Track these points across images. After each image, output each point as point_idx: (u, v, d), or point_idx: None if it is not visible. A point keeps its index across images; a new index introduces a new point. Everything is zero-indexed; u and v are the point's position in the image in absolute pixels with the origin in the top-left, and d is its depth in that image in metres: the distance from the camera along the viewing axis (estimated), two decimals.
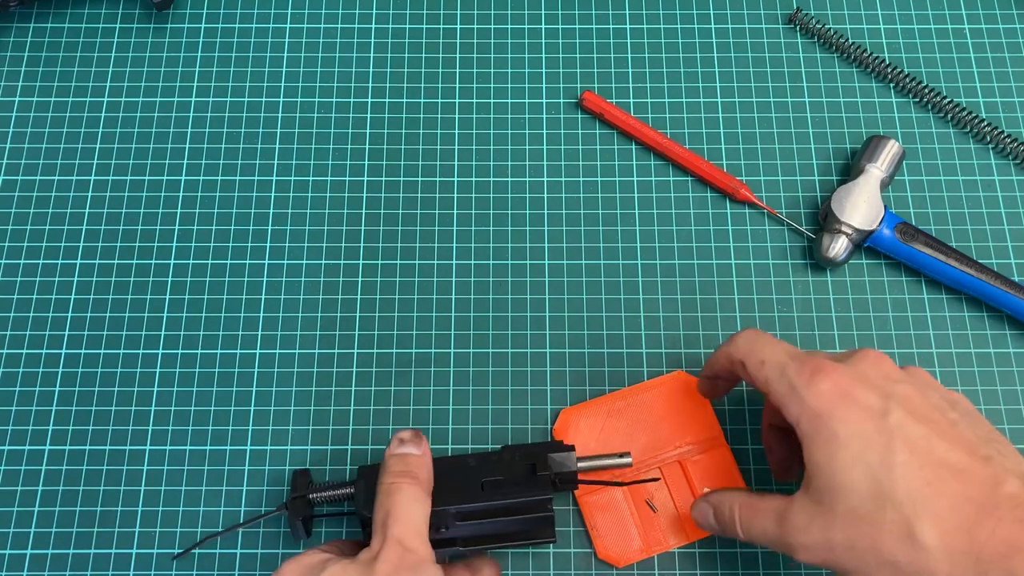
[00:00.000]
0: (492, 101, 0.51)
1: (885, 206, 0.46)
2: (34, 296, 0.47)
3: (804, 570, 0.42)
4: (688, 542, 0.42)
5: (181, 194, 0.49)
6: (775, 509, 0.34)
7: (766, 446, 0.41)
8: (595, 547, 0.42)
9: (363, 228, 0.48)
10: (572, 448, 0.39)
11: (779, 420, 0.38)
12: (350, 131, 0.50)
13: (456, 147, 0.50)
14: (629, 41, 0.52)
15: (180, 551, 0.42)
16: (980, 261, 0.46)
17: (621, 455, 0.41)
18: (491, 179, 0.49)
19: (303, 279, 0.47)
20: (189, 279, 0.47)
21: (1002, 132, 0.49)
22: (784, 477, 0.41)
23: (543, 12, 0.53)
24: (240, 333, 0.46)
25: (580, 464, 0.40)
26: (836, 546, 0.32)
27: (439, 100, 0.51)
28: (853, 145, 0.50)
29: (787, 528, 0.33)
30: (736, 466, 0.43)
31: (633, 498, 0.42)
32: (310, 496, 0.39)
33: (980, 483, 0.31)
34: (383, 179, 0.49)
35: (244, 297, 0.47)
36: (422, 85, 0.51)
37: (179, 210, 0.49)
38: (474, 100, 0.51)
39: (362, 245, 0.48)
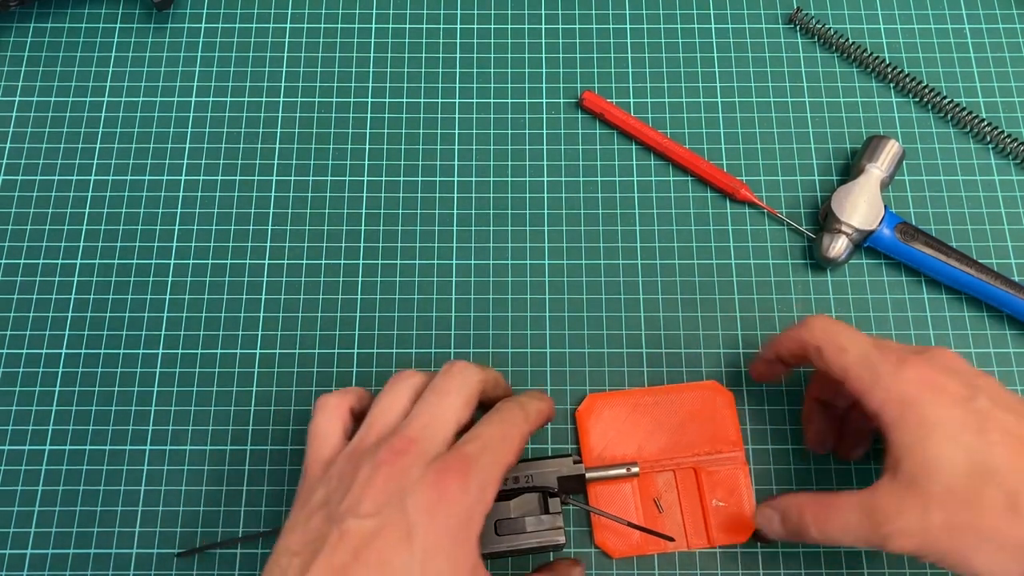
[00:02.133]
0: (492, 101, 0.51)
1: (885, 206, 0.46)
2: (34, 296, 0.47)
3: (804, 570, 0.42)
4: (687, 548, 0.42)
5: (181, 194, 0.49)
6: (857, 503, 0.34)
7: (806, 418, 0.42)
8: (593, 534, 0.42)
9: (363, 228, 0.48)
10: (582, 462, 0.40)
11: (827, 395, 0.40)
12: (350, 131, 0.50)
13: (456, 147, 0.50)
14: (629, 41, 0.52)
15: (184, 550, 0.42)
16: (980, 261, 0.46)
17: (629, 466, 0.41)
18: (491, 179, 0.49)
19: (303, 279, 0.47)
20: (189, 279, 0.47)
21: (1002, 132, 0.49)
22: (818, 449, 0.42)
23: (543, 12, 0.53)
24: (240, 333, 0.46)
25: (589, 475, 0.41)
26: (933, 527, 0.32)
27: (439, 100, 0.51)
28: (853, 145, 0.50)
29: (878, 517, 0.33)
30: (751, 488, 0.43)
31: (641, 494, 0.42)
32: None
33: None
34: (383, 179, 0.49)
35: (244, 297, 0.47)
36: (422, 85, 0.51)
37: (179, 210, 0.49)
38: (474, 100, 0.51)
39: (362, 245, 0.48)
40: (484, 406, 0.37)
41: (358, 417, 0.36)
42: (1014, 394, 0.35)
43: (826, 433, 0.41)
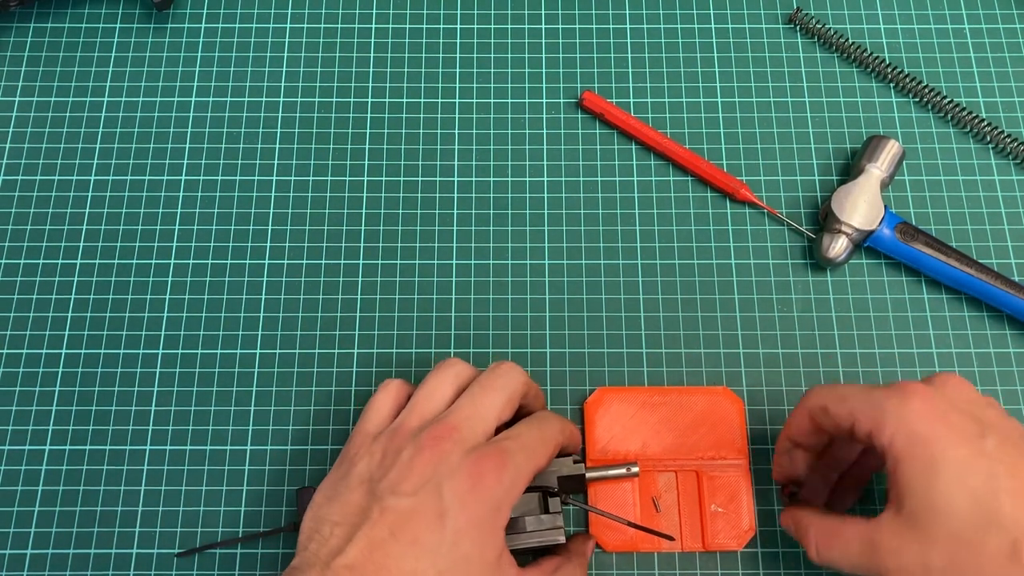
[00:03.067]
0: (492, 101, 0.51)
1: (885, 206, 0.46)
2: (34, 296, 0.47)
3: (804, 570, 0.42)
4: (681, 550, 0.42)
5: (181, 194, 0.49)
6: (860, 534, 0.34)
7: (778, 453, 0.41)
8: (589, 527, 0.42)
9: (363, 228, 0.48)
10: (582, 462, 0.40)
11: (801, 436, 0.38)
12: (350, 131, 0.50)
13: (456, 147, 0.50)
14: (629, 41, 0.52)
15: (184, 551, 0.42)
16: (980, 261, 0.46)
17: (629, 466, 0.41)
18: (491, 179, 0.49)
19: (303, 279, 0.47)
20: (189, 279, 0.47)
21: (1002, 132, 0.49)
22: (782, 481, 0.41)
23: (543, 12, 0.53)
24: (240, 333, 0.46)
25: (589, 475, 0.41)
26: (934, 569, 0.32)
27: (439, 100, 0.51)
28: (853, 145, 0.50)
29: (879, 552, 0.33)
30: (752, 497, 0.43)
31: (640, 492, 0.42)
32: None
33: None
34: (383, 179, 0.49)
35: (244, 297, 0.47)
36: (422, 85, 0.51)
37: (179, 210, 0.49)
38: (474, 100, 0.51)
39: (362, 245, 0.48)
40: (518, 414, 0.38)
41: None
42: (1014, 421, 0.34)
43: (795, 470, 0.40)
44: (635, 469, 0.41)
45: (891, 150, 0.47)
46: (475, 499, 0.33)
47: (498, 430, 0.36)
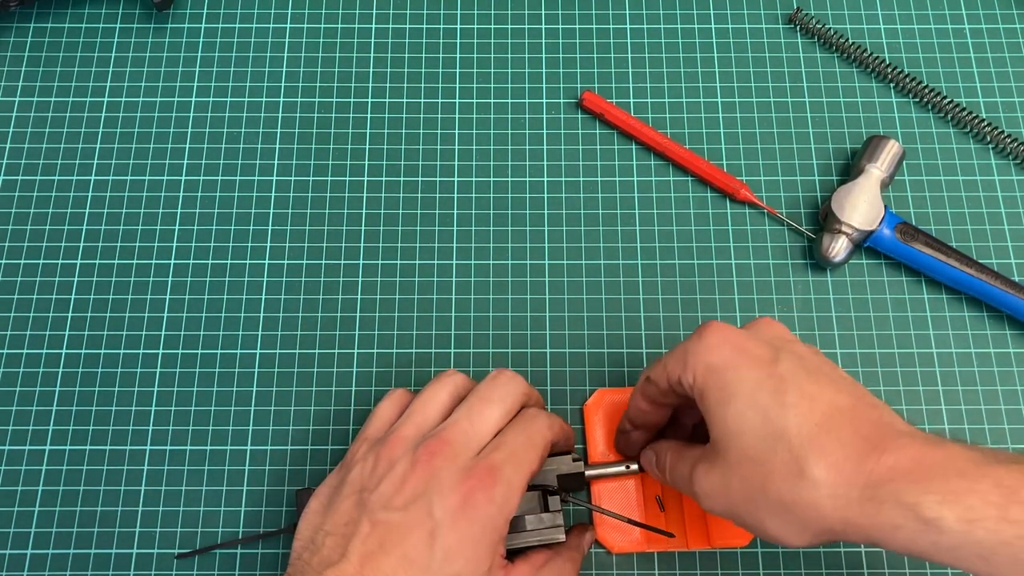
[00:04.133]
0: (492, 101, 0.51)
1: (885, 206, 0.46)
2: (34, 296, 0.47)
3: (804, 570, 0.42)
4: (686, 548, 0.42)
5: (181, 194, 0.49)
6: (693, 457, 0.35)
7: (616, 443, 0.42)
8: (595, 529, 0.42)
9: (363, 228, 0.48)
10: (581, 460, 0.40)
11: (641, 418, 0.39)
12: (350, 131, 0.50)
13: (456, 147, 0.50)
14: (629, 41, 0.52)
15: (185, 552, 0.42)
16: (980, 261, 0.46)
17: (628, 463, 0.41)
18: (491, 179, 0.49)
19: (303, 279, 0.47)
20: (189, 279, 0.47)
21: (1002, 132, 0.49)
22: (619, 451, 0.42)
23: (543, 12, 0.53)
24: (240, 333, 0.46)
25: (588, 472, 0.41)
26: (733, 492, 0.32)
27: (439, 100, 0.51)
28: (853, 145, 0.50)
29: (695, 476, 0.34)
30: None
31: (644, 491, 0.42)
32: None
33: (870, 422, 0.31)
34: (383, 179, 0.49)
35: (244, 297, 0.47)
36: (422, 85, 0.51)
37: (179, 210, 0.49)
38: (474, 100, 0.51)
39: (362, 245, 0.48)
40: None
41: None
42: (825, 359, 0.34)
43: (630, 450, 0.41)
44: (634, 467, 0.41)
45: (891, 150, 0.47)
46: (466, 517, 0.33)
47: None
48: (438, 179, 0.49)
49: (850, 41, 0.51)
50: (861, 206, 0.46)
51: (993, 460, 0.28)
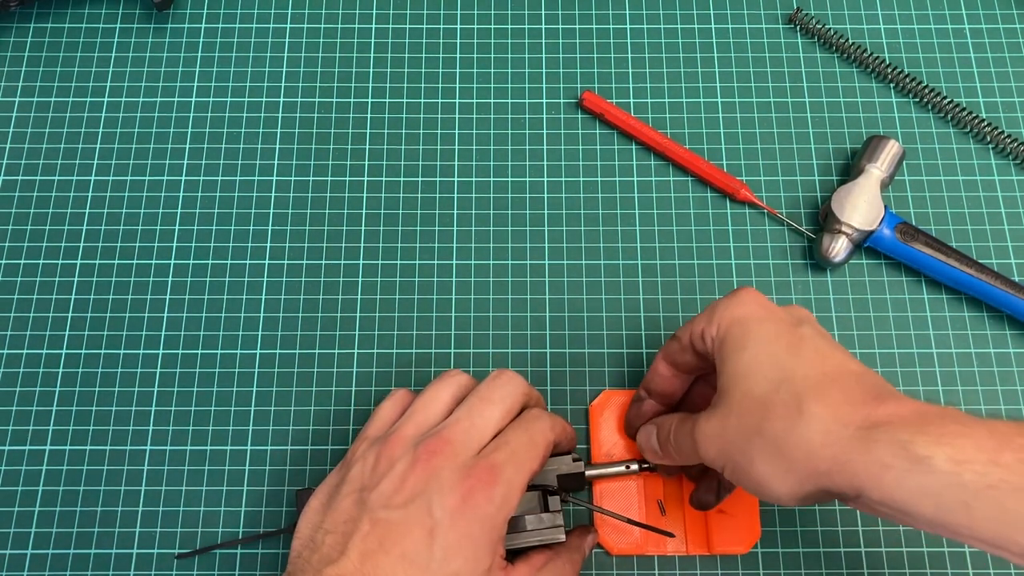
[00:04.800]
0: (492, 101, 0.51)
1: (885, 206, 0.46)
2: (34, 296, 0.47)
3: (804, 570, 0.42)
4: (687, 553, 0.42)
5: (181, 194, 0.49)
6: (697, 418, 0.35)
7: (628, 415, 0.42)
8: (597, 531, 0.42)
9: (363, 228, 0.48)
10: (582, 460, 0.40)
11: (660, 385, 0.40)
12: (350, 131, 0.50)
13: (456, 147, 0.50)
14: (629, 41, 0.52)
15: (185, 552, 0.42)
16: (980, 261, 0.46)
17: (628, 463, 0.41)
18: (491, 179, 0.49)
19: (303, 279, 0.47)
20: (189, 279, 0.47)
21: (1002, 132, 0.49)
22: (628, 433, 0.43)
23: (543, 12, 0.53)
24: (240, 333, 0.46)
25: (588, 472, 0.41)
26: (729, 431, 0.32)
27: (439, 100, 0.51)
28: (853, 145, 0.50)
29: (697, 425, 0.34)
30: (758, 501, 0.42)
31: (646, 494, 0.42)
32: None
33: (873, 384, 0.31)
34: (383, 179, 0.49)
35: (244, 297, 0.47)
36: (422, 85, 0.51)
37: (179, 210, 0.49)
38: (474, 100, 0.51)
39: (362, 245, 0.48)
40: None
41: None
42: (842, 349, 0.35)
43: (641, 420, 0.41)
44: (634, 467, 0.41)
45: (891, 150, 0.47)
46: (465, 517, 0.33)
47: None
48: (438, 179, 0.49)
49: (850, 41, 0.51)
50: (861, 206, 0.46)
51: (995, 420, 0.29)
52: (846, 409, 0.30)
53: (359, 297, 0.47)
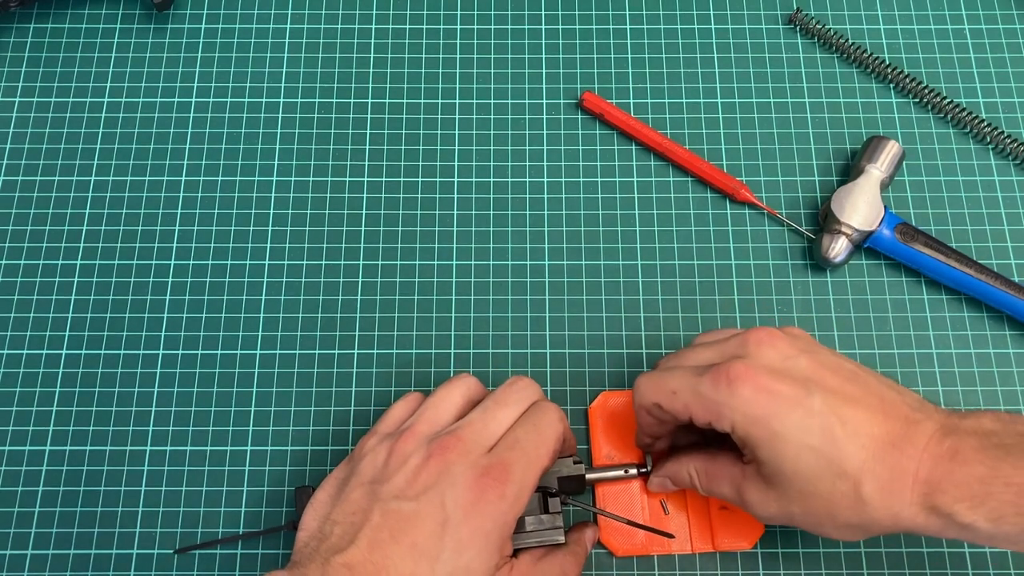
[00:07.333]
0: (492, 101, 0.51)
1: (885, 206, 0.46)
2: (34, 296, 0.47)
3: (804, 570, 0.42)
4: (691, 552, 0.42)
5: (181, 194, 0.49)
6: (731, 478, 0.37)
7: (638, 441, 0.42)
8: (598, 528, 0.42)
9: (363, 228, 0.48)
10: (583, 463, 0.40)
11: (655, 429, 0.40)
12: (350, 131, 0.50)
13: (456, 147, 0.50)
14: (629, 41, 0.52)
15: (184, 547, 0.42)
16: (980, 261, 0.46)
17: (627, 467, 0.41)
18: (491, 179, 0.49)
19: (303, 279, 0.47)
20: (189, 279, 0.47)
21: (1002, 132, 0.49)
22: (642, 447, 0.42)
23: (543, 12, 0.53)
24: (240, 333, 0.46)
25: (589, 476, 0.41)
26: (795, 516, 0.35)
27: (439, 100, 0.51)
28: (853, 145, 0.50)
29: (745, 500, 0.36)
30: None
31: (648, 495, 0.42)
32: None
33: (897, 422, 0.34)
34: (383, 179, 0.49)
35: (244, 297, 0.47)
36: (422, 85, 0.51)
37: (179, 210, 0.49)
38: (474, 100, 0.51)
39: (362, 245, 0.48)
40: None
41: None
42: (842, 357, 0.37)
43: (659, 445, 0.42)
44: (633, 471, 0.41)
45: (891, 150, 0.47)
46: (478, 512, 0.33)
47: None
48: (438, 179, 0.49)
49: (850, 41, 0.51)
50: (861, 207, 0.46)
51: (999, 453, 0.32)
52: (893, 485, 0.33)
53: (359, 297, 0.47)
